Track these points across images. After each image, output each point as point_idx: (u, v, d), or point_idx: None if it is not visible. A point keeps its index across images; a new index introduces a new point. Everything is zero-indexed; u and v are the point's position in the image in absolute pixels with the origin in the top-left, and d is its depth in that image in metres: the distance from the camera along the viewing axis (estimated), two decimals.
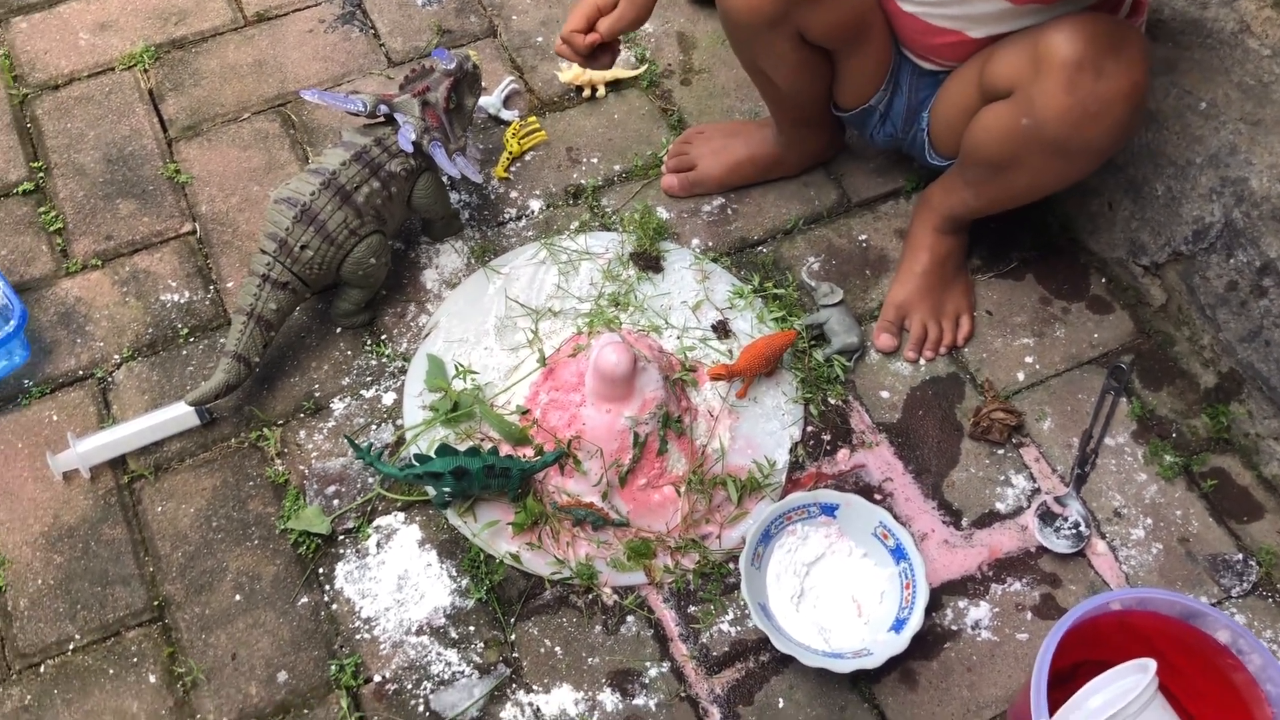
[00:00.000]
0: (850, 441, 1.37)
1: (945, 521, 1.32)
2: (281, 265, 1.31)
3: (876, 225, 1.56)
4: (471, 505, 1.29)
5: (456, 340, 1.42)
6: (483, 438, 1.34)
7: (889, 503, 1.33)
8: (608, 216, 1.56)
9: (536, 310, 1.44)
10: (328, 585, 1.26)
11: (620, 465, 1.28)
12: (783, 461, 1.34)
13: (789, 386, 1.40)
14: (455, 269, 1.50)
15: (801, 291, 1.49)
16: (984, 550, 1.30)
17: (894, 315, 1.42)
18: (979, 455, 1.37)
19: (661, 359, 1.34)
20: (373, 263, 1.36)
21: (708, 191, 1.56)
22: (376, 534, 1.29)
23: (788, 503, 1.27)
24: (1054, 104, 1.15)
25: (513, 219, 1.56)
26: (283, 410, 1.38)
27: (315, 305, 1.47)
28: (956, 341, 1.43)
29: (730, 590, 1.27)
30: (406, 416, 1.36)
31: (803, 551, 1.27)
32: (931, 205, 1.42)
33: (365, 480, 1.33)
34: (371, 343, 1.44)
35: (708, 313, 1.46)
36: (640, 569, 1.26)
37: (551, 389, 1.32)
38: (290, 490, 1.31)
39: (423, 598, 1.25)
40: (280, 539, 1.29)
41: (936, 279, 1.42)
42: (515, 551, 1.26)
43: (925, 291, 1.42)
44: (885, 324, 1.42)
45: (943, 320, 1.42)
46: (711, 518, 1.30)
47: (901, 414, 1.40)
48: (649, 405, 1.27)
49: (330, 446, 1.35)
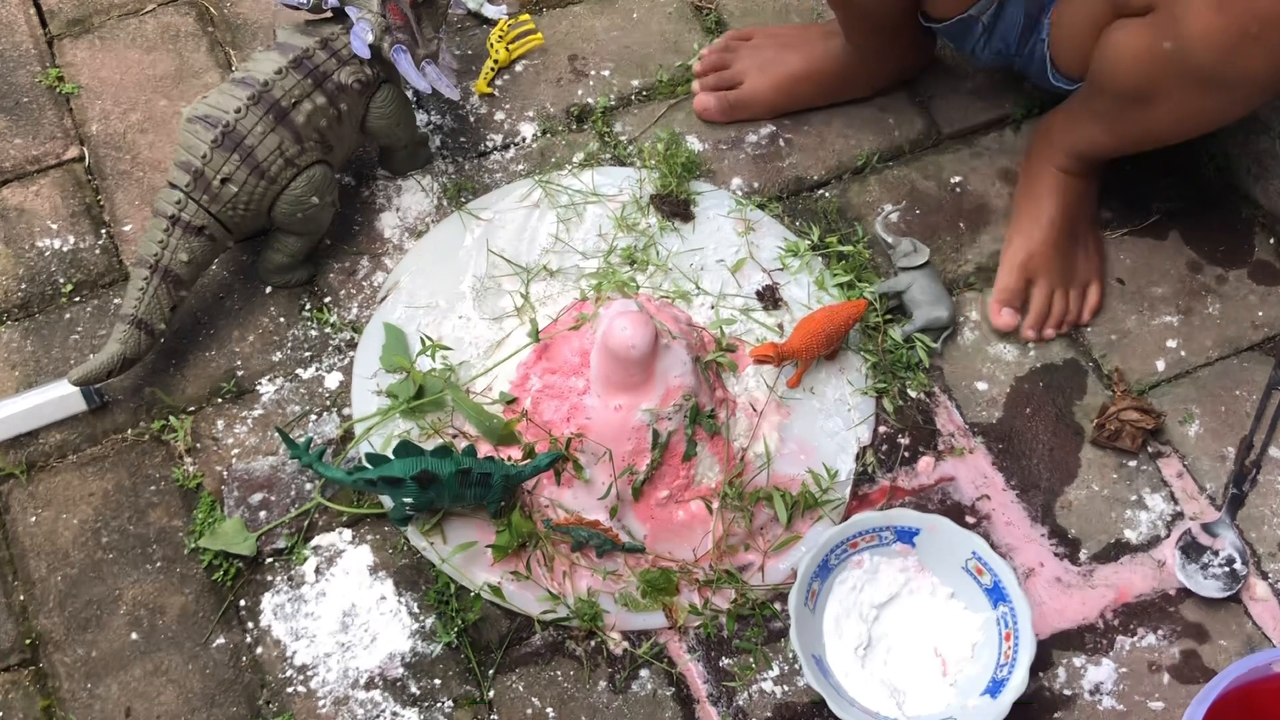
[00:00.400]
0: (935, 447, 1.37)
1: (1058, 553, 1.31)
2: (196, 204, 1.30)
3: (974, 164, 1.54)
4: (440, 521, 1.28)
5: (422, 306, 1.42)
6: (456, 434, 1.33)
7: (985, 527, 1.32)
8: (622, 147, 1.55)
9: (527, 268, 1.44)
10: (251, 622, 1.25)
11: (635, 473, 1.27)
12: (846, 472, 1.34)
13: (856, 374, 1.39)
14: (422, 212, 1.50)
15: (875, 249, 1.48)
16: (1108, 592, 1.29)
17: (1018, 281, 1.41)
18: (1104, 467, 1.36)
19: (690, 335, 1.33)
20: (314, 202, 1.35)
21: (754, 116, 1.55)
22: (315, 556, 1.28)
23: (853, 525, 1.26)
24: (1203, 24, 1.13)
25: (498, 148, 1.55)
26: (195, 394, 1.37)
27: (239, 257, 1.46)
28: (1081, 317, 1.42)
29: (776, 638, 1.26)
30: (356, 404, 1.36)
31: (871, 590, 1.27)
32: (1052, 139, 1.41)
33: (302, 486, 1.32)
34: (312, 307, 1.43)
35: (751, 275, 1.45)
36: (658, 608, 1.26)
37: (546, 372, 1.31)
38: (204, 498, 1.30)
39: (374, 641, 1.24)
40: (190, 561, 1.28)
41: (1065, 235, 1.41)
42: (496, 583, 1.26)
43: (1053, 250, 1.41)
44: (1006, 293, 1.41)
45: (1071, 289, 1.41)
46: (753, 543, 1.29)
47: (1003, 412, 1.39)
48: (673, 395, 1.26)
49: (257, 442, 1.34)
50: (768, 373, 1.37)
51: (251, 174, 1.30)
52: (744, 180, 1.53)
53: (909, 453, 1.36)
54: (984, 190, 1.53)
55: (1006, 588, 1.23)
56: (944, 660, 1.24)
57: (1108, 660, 1.25)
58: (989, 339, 1.43)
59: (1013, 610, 1.22)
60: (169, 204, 1.30)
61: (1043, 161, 1.42)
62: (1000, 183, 1.53)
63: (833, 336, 1.34)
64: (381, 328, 1.39)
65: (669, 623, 1.26)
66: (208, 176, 1.29)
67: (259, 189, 1.31)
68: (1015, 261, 1.41)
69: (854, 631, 1.24)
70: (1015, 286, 1.40)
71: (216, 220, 1.32)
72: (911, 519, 1.26)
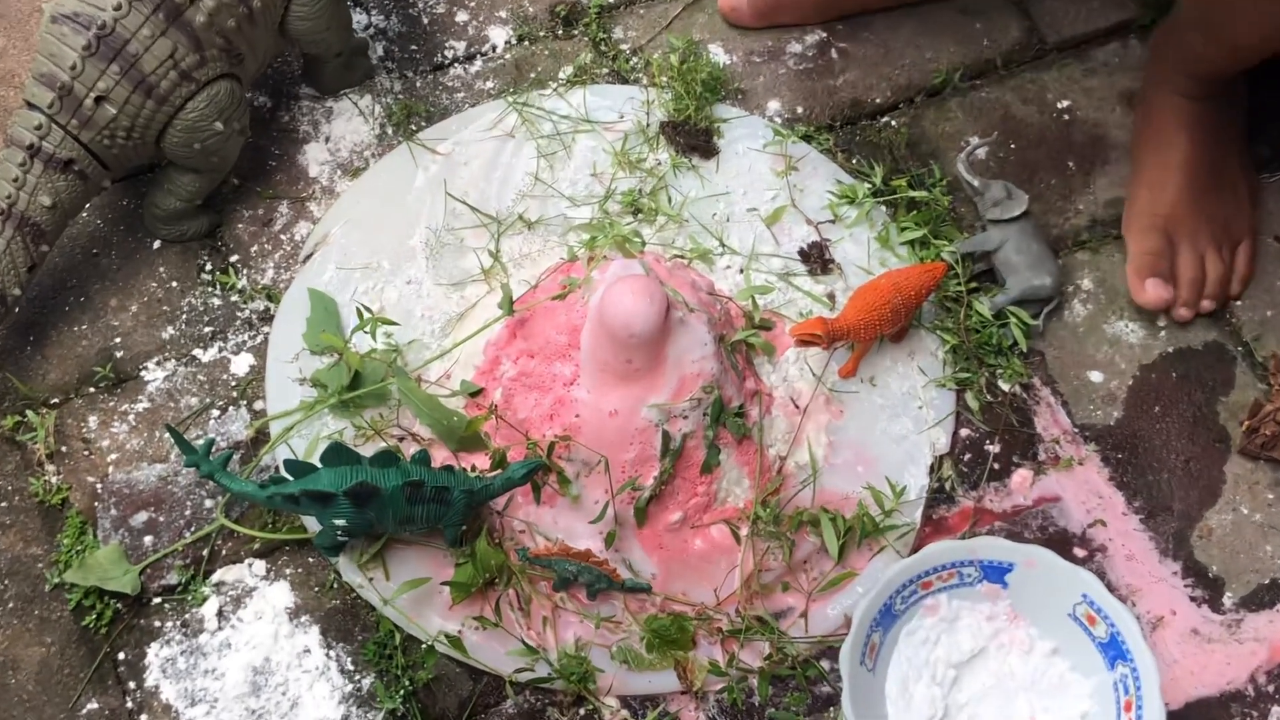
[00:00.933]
0: (1035, 456, 1.37)
1: (1196, 598, 1.32)
2: (62, 130, 1.30)
3: (1088, 84, 1.54)
4: (382, 551, 1.28)
5: (360, 267, 1.42)
6: (403, 436, 1.33)
7: (1100, 563, 1.32)
8: (624, 60, 1.55)
9: (497, 218, 1.43)
10: (133, 682, 1.25)
11: (638, 488, 1.27)
12: (917, 489, 1.34)
13: (930, 360, 1.39)
14: (359, 144, 1.50)
15: (956, 195, 1.48)
16: (1261, 648, 1.30)
17: (1159, 242, 1.41)
18: (1256, 485, 1.36)
19: (713, 307, 1.33)
20: (217, 129, 1.35)
21: (798, 20, 1.55)
22: (218, 596, 1.28)
23: (925, 560, 1.26)
24: None
25: (459, 59, 1.55)
26: (60, 381, 1.37)
27: (118, 201, 1.46)
28: (1230, 289, 1.43)
29: (824, 707, 1.26)
30: (272, 396, 1.36)
31: (949, 644, 1.27)
32: (1166, 57, 1.42)
33: (200, 504, 1.32)
34: (214, 269, 1.43)
35: (793, 228, 1.45)
36: (669, 666, 1.26)
37: (522, 355, 1.31)
38: (71, 518, 1.31)
39: (295, 708, 1.24)
40: (52, 601, 1.28)
41: (1205, 180, 1.41)
42: (455, 632, 1.26)
43: (1193, 201, 1.41)
44: (1149, 258, 1.41)
45: (1223, 247, 1.42)
46: (793, 582, 1.29)
47: (1124, 411, 1.39)
48: (689, 387, 1.26)
49: (141, 445, 1.34)
50: (814, 358, 1.37)
51: (135, 91, 1.30)
52: (784, 104, 1.53)
53: (999, 464, 1.36)
54: (1100, 118, 1.52)
55: (1127, 642, 1.22)
56: None
57: None
58: (1106, 314, 1.43)
59: (1135, 671, 1.22)
60: (26, 130, 1.29)
61: (1160, 88, 1.43)
62: (1122, 108, 1.52)
63: (900, 311, 1.34)
64: (306, 296, 1.39)
65: (682, 685, 1.26)
66: (78, 94, 1.29)
67: (145, 111, 1.31)
68: (1148, 219, 1.41)
69: (925, 698, 1.24)
70: (1158, 248, 1.41)
71: (88, 152, 1.31)
72: (1003, 551, 1.26)
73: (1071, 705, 1.24)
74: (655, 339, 1.23)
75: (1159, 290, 1.40)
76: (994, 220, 1.42)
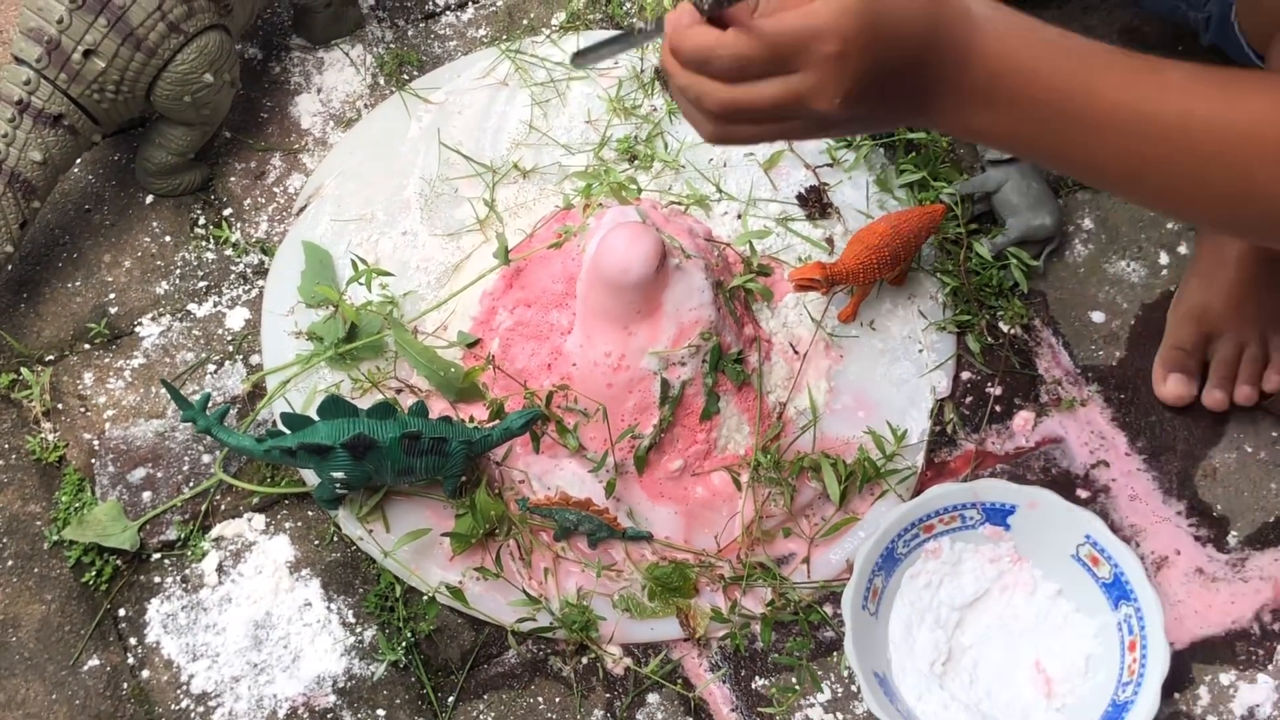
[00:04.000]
0: (1037, 398, 1.37)
1: (1200, 537, 1.32)
2: (50, 85, 1.30)
3: (1088, 22, 1.54)
4: (381, 503, 1.29)
5: (354, 219, 1.42)
6: (400, 387, 1.33)
7: (1103, 503, 1.33)
8: (616, 4, 1.55)
9: (492, 167, 1.44)
10: (134, 638, 1.26)
11: (638, 436, 1.27)
12: (919, 432, 1.35)
13: (930, 303, 1.40)
14: (351, 94, 1.50)
15: (954, 139, 1.47)
16: (1266, 587, 1.30)
17: (1192, 337, 1.36)
18: (1259, 423, 1.37)
19: (710, 253, 1.33)
20: (207, 81, 1.35)
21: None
22: (218, 551, 1.29)
23: (927, 503, 1.26)
24: None
25: (451, 7, 1.56)
26: (55, 338, 1.38)
27: (110, 156, 1.46)
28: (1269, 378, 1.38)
29: (827, 652, 1.27)
30: (268, 350, 1.36)
31: (952, 587, 1.27)
32: None
33: (198, 459, 1.32)
34: (207, 223, 1.44)
35: (790, 172, 1.45)
36: (671, 614, 1.27)
37: (519, 305, 1.31)
38: (69, 475, 1.31)
39: (297, 660, 1.25)
40: (52, 559, 1.29)
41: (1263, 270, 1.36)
42: (456, 583, 1.26)
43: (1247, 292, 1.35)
44: (1176, 351, 1.37)
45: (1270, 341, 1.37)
46: (795, 528, 1.30)
47: (1126, 351, 1.39)
48: (687, 334, 1.26)
49: (137, 401, 1.35)
50: (813, 302, 1.37)
51: (124, 43, 1.29)
52: None
53: (1001, 406, 1.36)
54: None
55: (1131, 582, 1.23)
56: (1048, 678, 1.24)
57: (1265, 676, 1.26)
58: (1107, 253, 1.42)
59: (1139, 612, 1.22)
60: (15, 85, 1.29)
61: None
62: (1122, 44, 1.49)
63: (899, 254, 1.33)
64: (300, 248, 1.39)
65: (685, 633, 1.26)
66: (65, 48, 1.28)
67: (134, 63, 1.31)
68: (1189, 309, 1.38)
69: (929, 642, 1.25)
70: (1189, 344, 1.37)
71: (78, 106, 1.31)
72: (1005, 493, 1.26)
73: (1075, 646, 1.25)
74: (651, 286, 1.23)
75: (1179, 386, 1.37)
76: (993, 161, 1.42)
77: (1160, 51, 1.46)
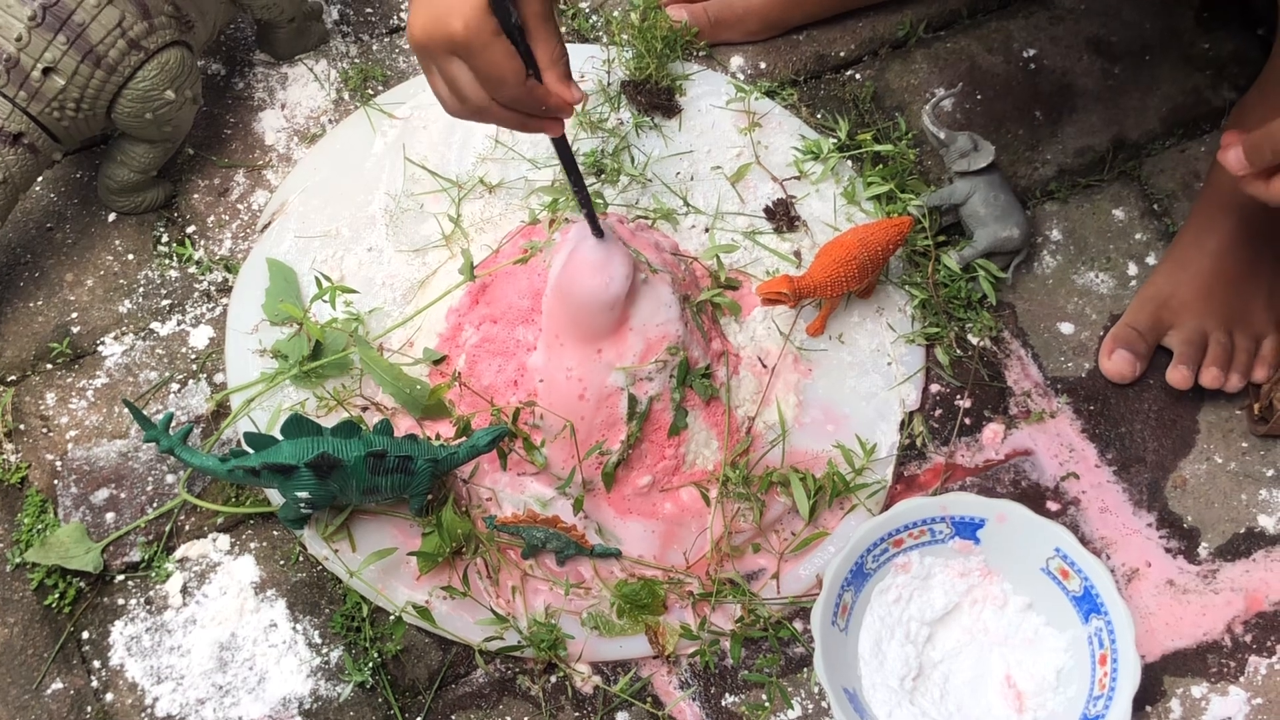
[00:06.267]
0: (1006, 410, 1.37)
1: (1170, 549, 1.33)
2: (10, 103, 1.29)
3: (1054, 32, 1.55)
4: (346, 523, 1.29)
5: (319, 235, 1.42)
6: (365, 405, 1.33)
7: (1073, 516, 1.33)
8: (583, 17, 1.55)
9: (457, 182, 1.43)
10: (98, 661, 1.25)
11: (606, 452, 1.27)
12: (888, 446, 1.35)
13: (899, 315, 1.40)
14: (315, 110, 1.49)
15: (922, 149, 1.49)
16: (1237, 598, 1.31)
17: (1148, 319, 1.38)
18: (1230, 433, 1.37)
19: (677, 267, 1.33)
20: (169, 98, 1.34)
21: (746, 36, 1.54)
22: (182, 572, 1.29)
23: (896, 517, 1.26)
24: None
25: None
26: (16, 358, 1.37)
27: (71, 174, 1.45)
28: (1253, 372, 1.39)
29: (797, 668, 1.27)
30: (232, 368, 1.36)
31: (922, 601, 1.27)
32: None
33: (161, 479, 1.32)
34: (170, 240, 1.43)
35: (758, 186, 1.45)
36: (640, 631, 1.27)
37: (485, 321, 1.31)
38: (30, 497, 1.31)
39: (262, 682, 1.25)
40: (14, 581, 1.28)
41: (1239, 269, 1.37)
42: (423, 602, 1.26)
43: (1215, 285, 1.37)
44: (1126, 332, 1.38)
45: (1235, 334, 1.38)
46: (764, 543, 1.30)
47: (1095, 363, 1.40)
48: (655, 349, 1.26)
49: (100, 421, 1.34)
50: (782, 316, 1.37)
51: (84, 61, 1.29)
52: (747, 59, 1.52)
53: (970, 419, 1.36)
54: (1066, 66, 1.51)
55: (1101, 595, 1.23)
56: (1019, 692, 1.24)
57: (1237, 688, 1.26)
58: (1075, 265, 1.43)
59: (1110, 624, 1.22)
60: None
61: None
62: (1089, 55, 1.52)
63: (866, 266, 1.33)
64: (264, 265, 1.38)
65: (654, 650, 1.26)
66: (24, 66, 1.27)
67: (94, 81, 1.30)
68: (1154, 294, 1.39)
69: (899, 657, 1.25)
70: (1144, 326, 1.38)
71: (38, 125, 1.30)
72: (974, 506, 1.26)
73: (1046, 659, 1.25)
74: (617, 301, 1.24)
75: (1123, 364, 1.38)
76: (960, 172, 1.42)
77: (1128, 61, 1.51)
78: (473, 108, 1.08)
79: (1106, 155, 1.49)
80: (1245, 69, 1.52)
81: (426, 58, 1.07)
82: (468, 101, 1.07)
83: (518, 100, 1.07)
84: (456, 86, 1.07)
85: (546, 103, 1.08)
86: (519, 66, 1.04)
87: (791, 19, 1.54)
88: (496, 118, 1.09)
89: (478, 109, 1.08)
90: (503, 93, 1.06)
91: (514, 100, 1.07)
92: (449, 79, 1.07)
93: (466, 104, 1.07)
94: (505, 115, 1.08)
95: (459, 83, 1.06)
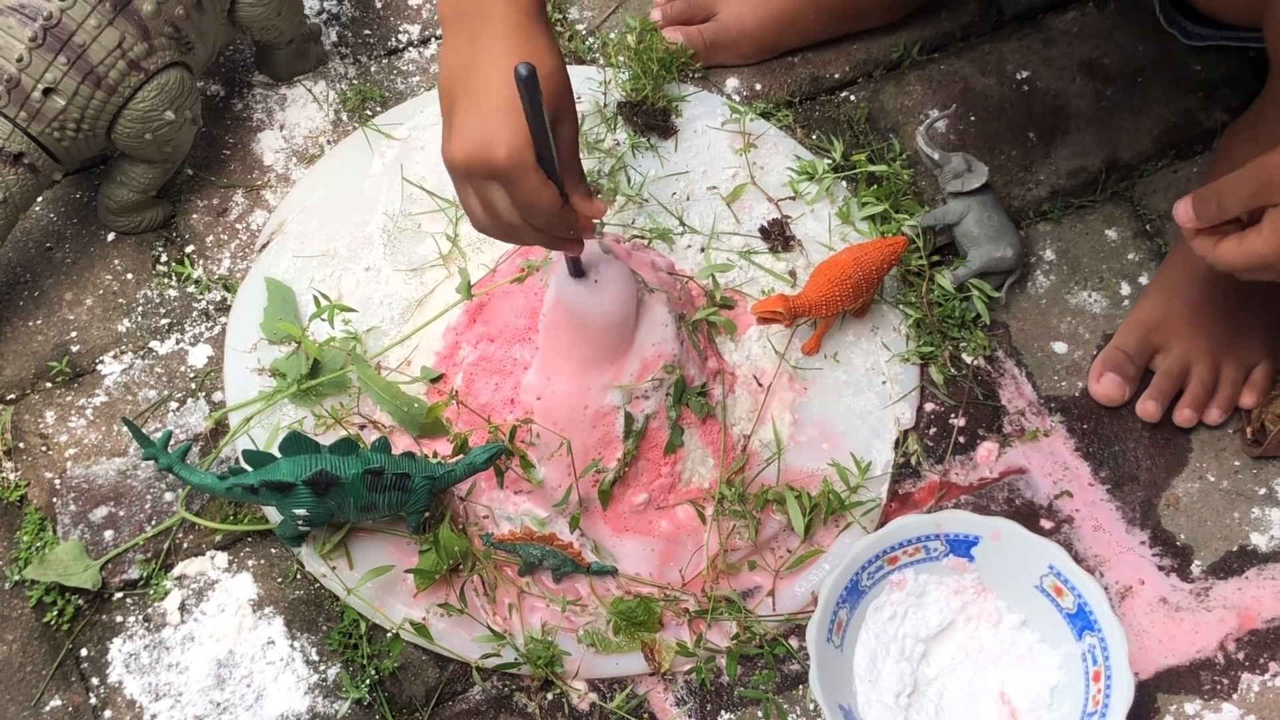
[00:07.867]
0: (1000, 429, 1.37)
1: (1164, 567, 1.32)
2: (10, 124, 1.29)
3: (1048, 54, 1.55)
4: (344, 540, 1.29)
5: (317, 255, 1.42)
6: (363, 423, 1.33)
7: (1066, 534, 1.33)
8: (580, 40, 1.55)
9: (455, 203, 1.43)
10: (96, 678, 1.25)
11: (602, 470, 1.27)
12: (882, 464, 1.35)
13: (894, 334, 1.40)
14: (314, 130, 1.50)
15: (916, 169, 1.49)
16: (1230, 616, 1.31)
17: (1137, 344, 1.38)
18: (1223, 452, 1.37)
19: (673, 287, 1.33)
20: (169, 119, 1.34)
21: (740, 59, 1.55)
22: (180, 589, 1.28)
23: (891, 534, 1.26)
24: None
25: (413, 43, 1.56)
26: (15, 377, 1.37)
27: (71, 194, 1.45)
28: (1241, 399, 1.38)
29: (792, 685, 1.27)
30: (230, 387, 1.36)
31: (917, 618, 1.27)
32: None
33: (160, 497, 1.32)
34: (169, 260, 1.43)
35: (753, 205, 1.45)
36: (636, 648, 1.26)
37: (482, 339, 1.31)
38: (30, 514, 1.30)
39: (260, 699, 1.25)
40: (13, 599, 1.28)
41: (1228, 297, 1.36)
42: (420, 619, 1.26)
43: (1203, 312, 1.36)
44: (1117, 352, 1.38)
45: (1223, 365, 1.37)
46: (760, 560, 1.30)
47: (1089, 382, 1.40)
48: (651, 368, 1.26)
49: (99, 439, 1.34)
50: (777, 335, 1.37)
51: (84, 81, 1.29)
52: (742, 81, 1.53)
53: (965, 437, 1.36)
54: (1060, 88, 1.52)
55: (1095, 612, 1.23)
56: (1013, 709, 1.24)
57: (1230, 706, 1.26)
58: (1068, 284, 1.43)
59: (1103, 642, 1.22)
60: None
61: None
62: (1082, 78, 1.52)
63: (861, 286, 1.34)
64: (263, 285, 1.38)
65: (650, 667, 1.26)
66: (25, 87, 1.28)
67: (94, 101, 1.30)
68: (1144, 317, 1.39)
69: (894, 674, 1.25)
70: (1133, 349, 1.38)
71: (38, 145, 1.30)
72: (968, 524, 1.26)
73: (1040, 677, 1.25)
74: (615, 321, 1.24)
75: (1112, 387, 1.37)
76: (954, 193, 1.42)
77: (1121, 83, 1.52)
78: (504, 228, 1.11)
79: (1099, 176, 1.50)
80: (1237, 90, 1.53)
81: (464, 179, 1.09)
82: (500, 222, 1.10)
83: (550, 224, 1.10)
84: (493, 209, 1.09)
85: (574, 225, 1.11)
86: (555, 195, 1.07)
87: (786, 42, 1.54)
88: (525, 238, 1.12)
89: (509, 229, 1.11)
90: (537, 218, 1.08)
91: (546, 224, 1.10)
92: (485, 202, 1.09)
93: (498, 224, 1.10)
94: (534, 236, 1.12)
95: (495, 206, 1.09)
